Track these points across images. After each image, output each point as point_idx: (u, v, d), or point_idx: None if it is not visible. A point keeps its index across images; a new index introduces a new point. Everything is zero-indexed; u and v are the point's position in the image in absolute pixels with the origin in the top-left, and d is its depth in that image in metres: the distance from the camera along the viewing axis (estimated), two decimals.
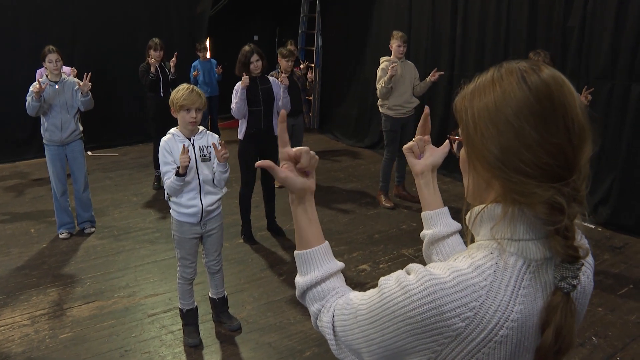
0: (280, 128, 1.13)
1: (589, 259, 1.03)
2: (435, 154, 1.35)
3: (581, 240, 0.92)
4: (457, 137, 1.03)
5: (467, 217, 1.00)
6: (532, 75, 0.89)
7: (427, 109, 1.40)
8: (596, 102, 5.13)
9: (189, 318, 3.57)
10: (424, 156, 1.35)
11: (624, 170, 5.22)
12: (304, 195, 1.13)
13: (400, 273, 0.95)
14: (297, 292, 1.15)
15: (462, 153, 1.01)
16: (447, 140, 1.31)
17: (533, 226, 0.90)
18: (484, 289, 0.87)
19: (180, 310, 3.58)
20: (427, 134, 1.37)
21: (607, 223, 5.33)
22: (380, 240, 5.22)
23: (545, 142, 0.86)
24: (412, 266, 0.95)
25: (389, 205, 6.06)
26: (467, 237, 1.02)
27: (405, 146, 1.35)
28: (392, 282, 0.94)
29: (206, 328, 3.72)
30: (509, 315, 0.87)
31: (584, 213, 0.90)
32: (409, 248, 4.99)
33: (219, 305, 3.75)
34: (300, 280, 1.13)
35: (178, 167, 3.14)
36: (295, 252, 1.16)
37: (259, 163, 1.10)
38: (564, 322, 0.88)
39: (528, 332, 0.90)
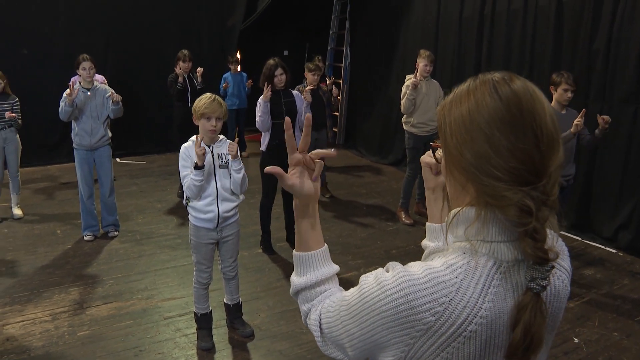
0: (287, 135, 1.17)
1: (567, 265, 1.07)
2: None
3: (556, 245, 0.96)
4: (438, 145, 1.09)
5: (446, 219, 1.06)
6: (503, 85, 0.96)
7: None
8: (620, 126, 5.11)
9: (203, 322, 3.65)
10: (439, 173, 1.39)
11: None
12: (309, 200, 1.19)
13: (379, 271, 1.01)
14: (291, 290, 1.21)
15: (443, 160, 1.08)
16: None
17: (505, 229, 0.95)
18: (454, 286, 0.93)
19: (195, 314, 3.66)
20: None
21: (628, 248, 5.25)
22: (398, 256, 5.24)
23: (513, 147, 0.92)
24: (391, 264, 1.01)
25: (408, 222, 6.08)
26: (445, 238, 1.07)
27: (424, 158, 1.38)
28: (370, 279, 1.00)
29: (219, 333, 3.79)
30: (478, 312, 0.92)
31: (555, 217, 0.95)
32: None
33: (233, 312, 3.82)
34: (296, 280, 1.20)
35: (196, 163, 3.22)
36: (295, 252, 1.22)
37: (268, 169, 1.14)
38: (533, 320, 0.92)
39: (498, 329, 0.94)
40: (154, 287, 4.43)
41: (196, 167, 3.24)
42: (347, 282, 4.78)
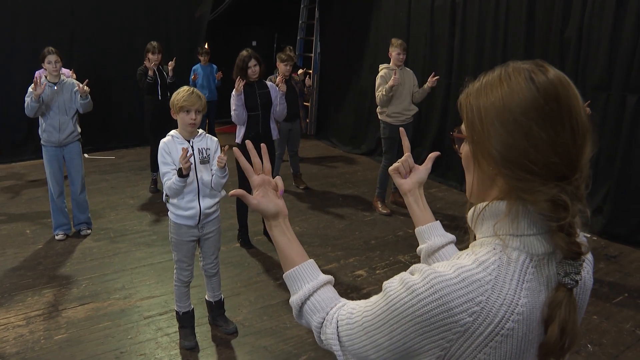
0: (241, 162, 1.22)
1: (589, 256, 1.05)
2: (419, 172, 1.41)
3: (581, 237, 0.93)
4: (460, 135, 1.04)
5: (469, 215, 1.01)
6: (539, 75, 0.91)
7: (402, 129, 1.51)
8: (592, 112, 5.16)
9: (185, 321, 3.57)
10: (409, 175, 1.40)
11: (619, 179, 5.25)
12: (278, 217, 1.20)
13: (404, 274, 0.96)
14: (294, 313, 1.16)
15: (465, 150, 1.02)
16: (429, 157, 1.42)
17: (535, 221, 0.92)
18: (489, 284, 0.89)
19: (177, 312, 3.58)
20: (407, 152, 1.44)
21: (602, 232, 5.36)
22: (377, 246, 5.23)
23: (552, 142, 0.88)
24: (416, 266, 0.96)
25: (385, 211, 6.08)
26: (469, 235, 1.03)
27: (390, 168, 1.41)
28: (396, 284, 0.95)
29: (202, 331, 3.72)
30: (515, 309, 0.89)
31: (585, 211, 0.92)
32: (405, 254, 5.00)
33: (216, 309, 3.75)
34: (293, 298, 1.15)
35: (180, 169, 3.13)
36: (284, 274, 1.19)
37: (232, 192, 1.20)
38: (568, 317, 0.89)
39: (532, 325, 0.91)
40: (132, 286, 4.32)
41: (180, 174, 3.14)
42: (328, 274, 4.78)
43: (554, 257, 0.93)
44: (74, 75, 6.17)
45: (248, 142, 1.25)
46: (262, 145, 1.27)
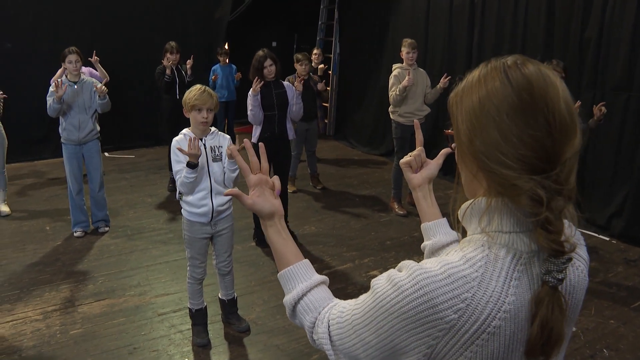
0: (238, 160, 1.21)
1: (584, 254, 1.04)
2: (430, 167, 1.40)
3: (572, 236, 0.91)
4: (451, 132, 1.06)
5: (459, 212, 1.02)
6: (514, 70, 0.91)
7: (416, 121, 1.51)
8: (612, 114, 5.09)
9: (198, 318, 3.60)
10: (420, 170, 1.40)
11: (639, 182, 5.16)
12: (273, 217, 1.19)
13: (391, 271, 0.96)
14: (287, 312, 1.16)
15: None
16: (441, 153, 1.41)
17: (518, 219, 0.92)
18: (476, 280, 0.88)
19: (190, 310, 3.61)
20: (420, 145, 1.43)
21: (622, 235, 5.26)
22: (392, 247, 5.21)
23: (524, 135, 0.88)
24: (404, 263, 0.96)
25: (401, 212, 6.05)
26: (458, 231, 1.03)
27: (402, 161, 1.40)
28: (383, 281, 0.95)
29: (215, 328, 3.74)
30: (501, 307, 0.88)
31: (573, 208, 0.91)
32: (420, 255, 4.93)
33: (229, 307, 3.77)
34: (287, 297, 1.15)
35: (189, 160, 3.16)
36: (278, 274, 1.18)
37: (227, 192, 1.21)
38: (551, 315, 0.88)
39: (520, 324, 0.90)
40: (147, 283, 4.37)
41: (189, 164, 3.18)
42: (342, 274, 4.75)
43: (541, 255, 0.92)
44: (96, 58, 6.28)
45: (246, 141, 1.25)
46: (261, 144, 1.28)
